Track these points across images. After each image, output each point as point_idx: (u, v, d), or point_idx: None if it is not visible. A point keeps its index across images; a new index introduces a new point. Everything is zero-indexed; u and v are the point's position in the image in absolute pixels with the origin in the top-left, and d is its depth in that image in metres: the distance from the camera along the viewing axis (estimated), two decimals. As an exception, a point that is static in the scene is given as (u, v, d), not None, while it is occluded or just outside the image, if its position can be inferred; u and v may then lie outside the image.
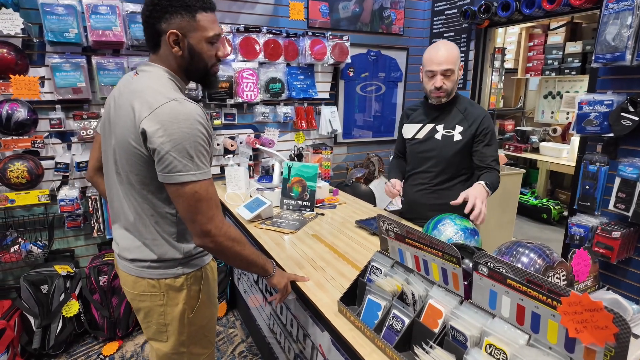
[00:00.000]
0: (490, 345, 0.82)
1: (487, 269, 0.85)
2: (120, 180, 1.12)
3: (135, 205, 1.12)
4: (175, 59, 1.09)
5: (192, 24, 1.05)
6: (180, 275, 1.16)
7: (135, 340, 2.43)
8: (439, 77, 1.69)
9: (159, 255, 1.14)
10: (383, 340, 1.00)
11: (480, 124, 1.76)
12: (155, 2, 1.03)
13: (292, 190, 2.18)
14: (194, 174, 1.00)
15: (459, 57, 1.72)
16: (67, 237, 2.45)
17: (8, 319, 2.08)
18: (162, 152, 0.97)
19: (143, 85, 1.05)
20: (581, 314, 0.69)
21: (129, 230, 1.16)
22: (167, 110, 0.98)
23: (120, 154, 1.08)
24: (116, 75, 2.27)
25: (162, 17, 1.03)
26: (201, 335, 1.27)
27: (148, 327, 1.23)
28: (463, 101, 1.83)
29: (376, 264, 1.21)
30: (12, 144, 2.10)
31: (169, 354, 1.22)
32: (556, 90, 4.80)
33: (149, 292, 1.16)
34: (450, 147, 1.79)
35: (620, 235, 1.89)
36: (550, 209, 4.40)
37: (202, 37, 1.08)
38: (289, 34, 2.80)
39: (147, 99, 1.01)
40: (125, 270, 1.19)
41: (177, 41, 1.06)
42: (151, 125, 0.98)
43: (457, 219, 1.48)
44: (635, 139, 1.93)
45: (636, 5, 1.76)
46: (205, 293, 1.24)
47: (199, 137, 1.00)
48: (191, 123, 0.99)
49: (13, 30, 2.00)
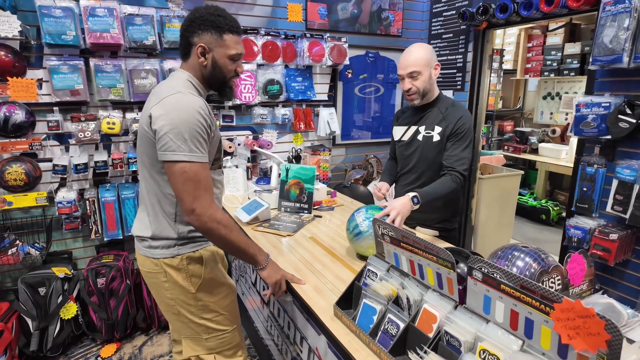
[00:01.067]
0: (484, 350, 0.83)
1: (481, 274, 0.85)
2: (141, 162, 1.30)
3: (145, 184, 1.30)
4: (200, 67, 1.29)
5: (218, 41, 1.26)
6: (176, 256, 1.30)
7: (133, 342, 2.43)
8: (407, 80, 1.74)
9: (153, 231, 1.29)
10: (378, 344, 1.00)
11: (456, 124, 1.76)
12: (192, 19, 1.25)
13: (290, 193, 2.18)
14: (185, 155, 1.14)
15: (427, 58, 1.72)
16: (65, 239, 2.45)
17: (6, 321, 2.08)
18: (161, 132, 1.14)
19: (165, 83, 1.28)
20: (574, 320, 0.69)
21: (144, 210, 1.34)
22: (171, 100, 1.17)
23: (140, 138, 1.28)
24: (114, 77, 2.27)
25: (195, 32, 1.25)
26: (214, 313, 1.38)
27: (161, 302, 1.39)
28: (445, 102, 1.84)
29: (372, 267, 1.21)
30: (10, 146, 2.10)
31: (183, 324, 1.37)
32: (555, 91, 4.80)
33: (154, 270, 1.32)
34: (430, 148, 1.82)
35: (618, 237, 1.89)
36: (549, 210, 4.40)
37: (225, 53, 1.28)
38: (287, 35, 2.80)
39: (160, 93, 1.22)
40: (137, 249, 1.37)
41: (203, 53, 1.27)
42: (156, 110, 1.16)
43: (370, 209, 1.59)
44: (632, 141, 1.93)
45: (633, 7, 1.76)
46: (209, 272, 1.35)
47: (195, 125, 1.15)
48: (190, 112, 1.16)
49: (11, 32, 2.00)
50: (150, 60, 2.38)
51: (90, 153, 2.40)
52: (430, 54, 1.74)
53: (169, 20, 2.37)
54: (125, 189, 2.44)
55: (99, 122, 2.29)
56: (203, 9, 1.27)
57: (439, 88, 1.89)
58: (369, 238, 1.50)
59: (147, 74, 2.35)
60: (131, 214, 2.44)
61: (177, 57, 2.49)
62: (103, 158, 2.34)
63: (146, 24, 2.28)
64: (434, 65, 1.76)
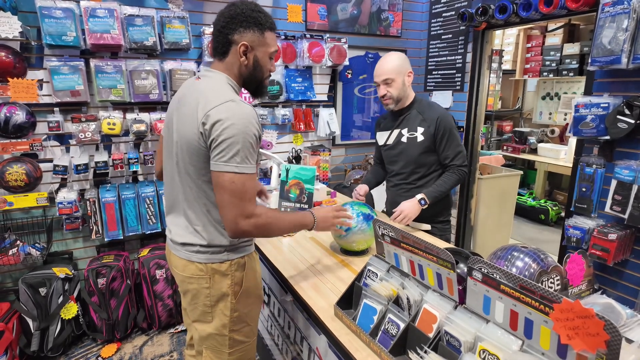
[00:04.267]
0: (483, 350, 0.83)
1: (481, 275, 0.86)
2: (179, 171, 1.23)
3: (190, 194, 1.23)
4: (240, 67, 1.23)
5: (261, 39, 1.21)
6: (225, 261, 1.24)
7: (134, 342, 2.43)
8: (382, 87, 1.87)
9: (208, 241, 1.23)
10: (378, 344, 1.01)
11: (437, 127, 1.87)
12: (233, 15, 1.18)
13: (290, 193, 2.18)
14: (237, 166, 1.10)
15: (398, 65, 1.84)
16: (65, 240, 2.46)
17: (6, 321, 2.08)
18: (216, 142, 1.09)
19: (206, 87, 1.19)
20: (573, 320, 0.70)
21: (183, 217, 1.27)
22: (226, 108, 1.11)
23: (182, 146, 1.20)
24: (114, 78, 2.27)
25: (236, 30, 1.18)
26: (243, 323, 1.33)
27: (194, 308, 1.30)
28: (421, 104, 1.95)
29: (372, 268, 1.22)
30: (11, 147, 2.10)
31: (212, 334, 1.29)
32: (554, 91, 4.81)
33: (197, 275, 1.25)
34: (415, 148, 1.92)
35: (617, 237, 1.90)
36: (548, 210, 4.41)
37: (267, 52, 1.24)
38: (287, 36, 2.80)
39: (210, 98, 1.13)
40: (176, 254, 1.29)
41: (245, 52, 1.20)
42: (210, 120, 1.10)
43: (356, 205, 1.63)
44: (631, 141, 1.94)
45: (632, 8, 1.77)
46: (247, 281, 1.30)
47: (250, 137, 1.11)
48: (247, 124, 1.11)
49: (11, 33, 2.00)
50: (150, 61, 2.39)
51: (91, 153, 2.40)
52: (402, 62, 1.86)
53: (169, 21, 2.38)
54: (125, 189, 2.44)
55: (99, 123, 2.29)
56: (241, 4, 1.20)
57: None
58: (357, 233, 1.55)
59: (148, 75, 2.35)
60: (131, 214, 2.45)
61: (178, 58, 2.50)
62: (103, 158, 2.35)
63: (146, 24, 2.28)
64: (407, 72, 1.87)
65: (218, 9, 1.51)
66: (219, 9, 1.23)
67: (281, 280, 1.58)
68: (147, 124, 2.37)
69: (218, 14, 1.22)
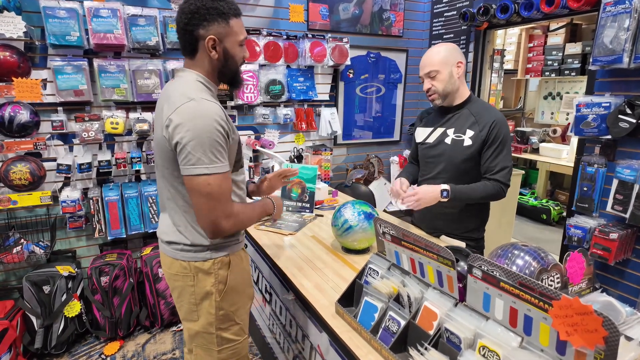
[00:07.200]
0: (483, 347, 0.84)
1: (480, 272, 0.87)
2: (160, 173, 1.25)
3: (169, 195, 1.23)
4: (211, 62, 1.19)
5: (227, 29, 1.16)
6: (208, 259, 1.24)
7: (137, 340, 2.45)
8: (426, 81, 1.69)
9: (191, 240, 1.23)
10: (379, 341, 1.02)
11: (490, 131, 1.62)
12: (194, 11, 1.12)
13: (292, 192, 2.19)
14: (206, 167, 1.08)
15: (443, 56, 1.64)
16: (69, 238, 2.47)
17: (10, 319, 2.10)
18: (179, 146, 1.08)
19: (173, 89, 1.17)
20: (572, 317, 0.70)
21: (168, 216, 1.28)
22: (185, 109, 1.08)
23: (156, 149, 1.23)
24: (117, 78, 2.29)
25: (200, 24, 1.13)
26: (231, 322, 1.32)
27: (181, 306, 1.31)
28: (476, 104, 1.71)
29: (373, 265, 1.22)
30: (15, 146, 2.12)
31: (200, 332, 1.30)
32: (556, 91, 4.80)
33: (181, 273, 1.26)
34: (459, 153, 1.67)
35: (618, 236, 1.90)
36: (549, 210, 4.40)
37: (235, 40, 1.19)
38: (289, 36, 2.81)
39: (172, 100, 1.12)
40: (163, 252, 1.31)
41: (214, 46, 1.16)
42: (172, 122, 1.08)
43: (357, 204, 1.60)
44: (632, 141, 1.94)
45: (634, 8, 1.77)
46: (233, 279, 1.29)
47: (214, 134, 1.08)
48: (207, 121, 1.08)
49: (15, 33, 2.01)
50: (153, 61, 2.40)
51: (94, 152, 2.42)
52: (450, 52, 1.64)
53: (172, 21, 2.39)
54: (128, 188, 2.46)
55: (102, 122, 2.31)
56: None
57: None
58: (359, 232, 1.54)
59: (150, 75, 2.36)
60: (134, 213, 2.46)
61: (181, 58, 2.51)
62: (106, 157, 2.36)
63: (149, 24, 2.29)
64: (456, 63, 1.64)
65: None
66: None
67: (283, 279, 1.59)
68: (150, 124, 2.38)
69: (178, 11, 1.16)
